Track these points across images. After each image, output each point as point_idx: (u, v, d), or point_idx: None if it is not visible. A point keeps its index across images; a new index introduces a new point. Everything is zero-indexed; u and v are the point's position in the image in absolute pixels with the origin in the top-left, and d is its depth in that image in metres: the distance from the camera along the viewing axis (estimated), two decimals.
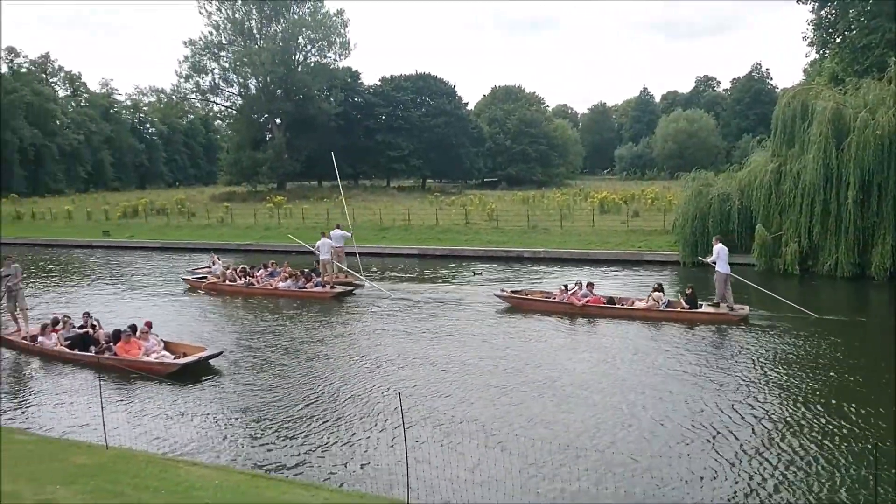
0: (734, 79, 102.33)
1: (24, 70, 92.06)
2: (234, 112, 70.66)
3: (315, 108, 64.94)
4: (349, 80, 72.06)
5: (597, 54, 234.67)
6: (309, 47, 66.12)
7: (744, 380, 11.25)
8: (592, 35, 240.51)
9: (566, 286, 17.59)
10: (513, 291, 18.47)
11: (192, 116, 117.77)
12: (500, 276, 23.46)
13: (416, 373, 12.01)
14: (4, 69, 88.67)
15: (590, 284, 17.30)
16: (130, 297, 21.29)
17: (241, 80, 66.29)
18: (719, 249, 16.51)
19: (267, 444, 8.91)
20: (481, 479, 7.39)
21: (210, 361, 12.65)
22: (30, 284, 22.47)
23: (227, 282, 21.46)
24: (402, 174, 78.05)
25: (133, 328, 13.21)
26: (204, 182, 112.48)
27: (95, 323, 14.52)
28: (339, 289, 20.30)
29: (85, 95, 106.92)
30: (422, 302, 18.76)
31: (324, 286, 20.38)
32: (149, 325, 13.58)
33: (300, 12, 65.79)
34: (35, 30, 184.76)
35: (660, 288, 16.63)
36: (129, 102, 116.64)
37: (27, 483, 5.92)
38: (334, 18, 66.02)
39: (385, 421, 9.57)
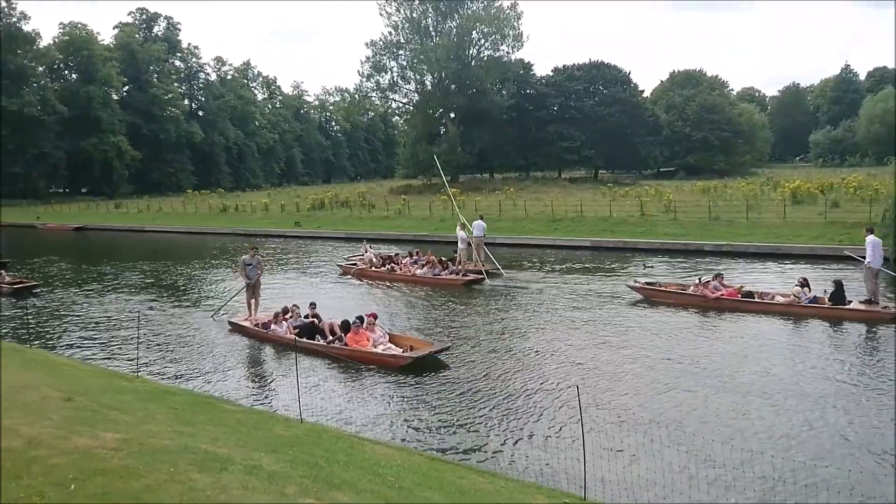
0: None
1: (229, 77, 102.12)
2: (411, 108, 73.51)
3: (488, 102, 65.88)
4: (521, 71, 72.24)
5: (789, 31, 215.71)
6: (482, 41, 67.04)
7: None
8: (784, 10, 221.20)
9: (700, 279, 17.09)
10: (646, 283, 18.19)
11: (372, 114, 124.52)
12: (678, 269, 22.40)
13: (582, 365, 11.87)
14: (214, 77, 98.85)
15: (719, 276, 16.75)
16: (289, 279, 23.35)
17: (418, 77, 68.77)
18: (872, 241, 15.16)
19: (445, 429, 9.21)
20: (658, 479, 7.11)
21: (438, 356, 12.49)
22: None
23: (374, 268, 23.10)
24: (574, 165, 76.88)
25: (360, 319, 13.21)
26: (383, 176, 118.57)
27: (318, 313, 14.76)
28: (469, 276, 21.07)
29: (279, 98, 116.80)
30: (558, 293, 18.97)
31: (458, 274, 21.30)
32: (374, 316, 13.57)
33: (474, 7, 66.87)
34: (239, 39, 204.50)
35: (805, 283, 15.58)
36: (316, 103, 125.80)
37: (237, 448, 6.58)
38: (507, 12, 66.41)
39: (559, 413, 9.52)
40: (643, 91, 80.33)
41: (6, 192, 68.07)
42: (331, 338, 13.51)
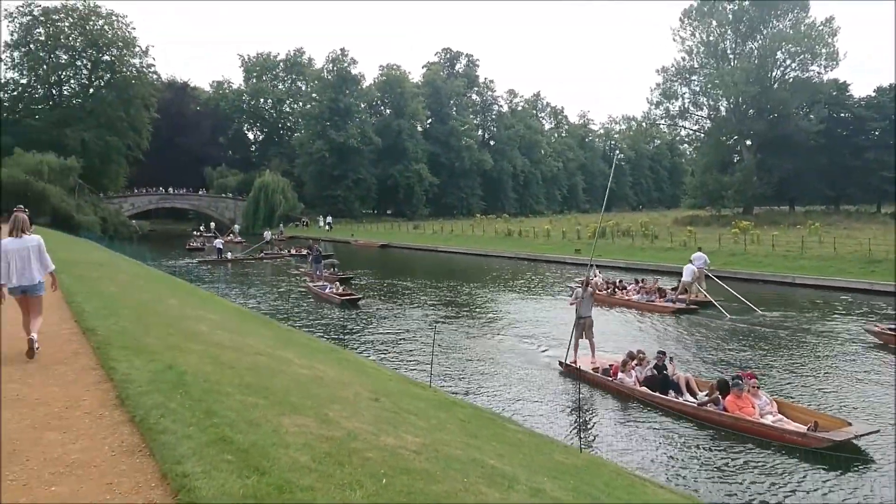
0: None
1: (519, 108, 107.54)
2: (702, 135, 69.98)
3: (792, 127, 60.01)
4: (834, 93, 64.51)
5: None
6: (788, 62, 61.48)
7: None
8: None
9: None
10: (889, 328, 16.80)
11: (658, 141, 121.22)
12: None
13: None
14: (505, 108, 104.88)
15: None
16: (534, 303, 24.46)
17: (711, 103, 65.47)
18: None
19: (735, 480, 8.52)
20: None
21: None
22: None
23: (598, 291, 23.50)
24: None
25: (740, 378, 10.97)
26: (666, 206, 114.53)
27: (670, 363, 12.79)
28: (678, 305, 21.86)
29: (565, 127, 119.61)
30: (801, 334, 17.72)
31: (674, 302, 22.11)
32: (753, 377, 11.30)
33: (780, 26, 61.63)
34: (531, 71, 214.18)
35: None
36: (601, 131, 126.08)
37: (521, 469, 6.78)
38: (820, 28, 60.01)
39: (856, 474, 8.26)
40: None
41: (333, 211, 79.31)
42: (689, 396, 11.76)
